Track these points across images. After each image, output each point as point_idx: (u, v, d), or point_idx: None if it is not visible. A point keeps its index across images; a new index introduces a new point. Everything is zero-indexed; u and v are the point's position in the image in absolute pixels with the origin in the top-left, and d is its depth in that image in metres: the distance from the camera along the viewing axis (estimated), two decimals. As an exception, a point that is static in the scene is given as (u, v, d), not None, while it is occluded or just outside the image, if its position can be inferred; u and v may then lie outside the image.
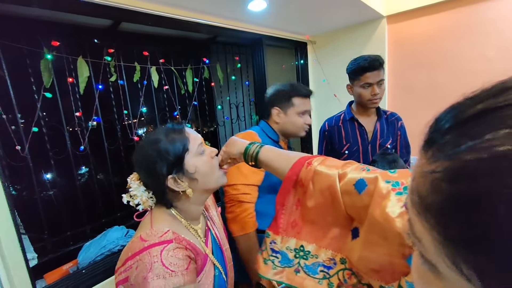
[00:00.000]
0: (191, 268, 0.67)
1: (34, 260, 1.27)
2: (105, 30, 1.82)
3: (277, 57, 2.75)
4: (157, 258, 0.63)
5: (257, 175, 1.08)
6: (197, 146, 0.76)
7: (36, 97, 1.45)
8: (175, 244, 0.68)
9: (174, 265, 0.64)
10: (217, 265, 0.80)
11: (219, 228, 0.94)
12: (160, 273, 0.62)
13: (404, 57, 2.48)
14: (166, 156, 0.72)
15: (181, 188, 0.74)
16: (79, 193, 1.70)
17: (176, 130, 0.76)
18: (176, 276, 0.63)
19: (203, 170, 0.75)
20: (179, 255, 0.66)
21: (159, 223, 0.73)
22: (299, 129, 1.22)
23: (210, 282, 0.76)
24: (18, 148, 1.38)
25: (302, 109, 1.19)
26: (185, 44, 2.30)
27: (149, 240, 0.67)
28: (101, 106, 1.72)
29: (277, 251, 0.70)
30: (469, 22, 2.13)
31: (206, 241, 0.82)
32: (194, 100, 2.25)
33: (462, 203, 0.18)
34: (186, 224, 0.77)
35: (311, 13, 2.09)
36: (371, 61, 1.34)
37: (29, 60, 1.47)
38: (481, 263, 0.17)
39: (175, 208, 0.78)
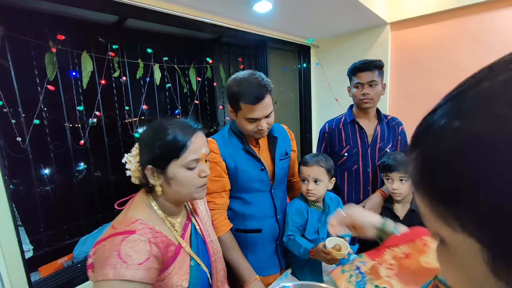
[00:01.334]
0: (148, 264, 0.66)
1: (29, 252, 1.26)
2: (110, 26, 1.84)
3: (280, 60, 2.77)
4: (117, 247, 0.64)
5: (216, 183, 1.09)
6: (189, 160, 0.74)
7: (39, 89, 1.46)
8: (137, 236, 0.67)
9: (129, 257, 0.64)
10: (193, 256, 0.81)
11: (206, 221, 0.94)
12: (113, 262, 0.62)
13: (407, 64, 2.49)
14: (154, 148, 0.73)
15: (153, 182, 0.75)
16: (77, 187, 1.70)
17: (186, 131, 0.75)
18: (127, 269, 0.62)
19: (181, 182, 0.75)
20: (138, 248, 0.66)
21: (135, 212, 0.75)
22: (248, 133, 1.10)
23: (185, 272, 0.77)
24: (19, 139, 1.38)
25: (249, 116, 1.03)
26: (189, 43, 2.31)
27: (117, 228, 0.69)
28: (103, 102, 1.72)
29: (361, 272, 0.69)
30: (472, 31, 2.15)
31: (184, 234, 0.82)
32: (196, 99, 2.26)
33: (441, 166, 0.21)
34: (163, 216, 0.78)
35: (315, 17, 2.11)
36: (364, 62, 1.40)
37: (34, 53, 1.48)
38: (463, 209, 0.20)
39: (155, 200, 0.79)
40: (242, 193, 1.15)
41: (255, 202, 1.16)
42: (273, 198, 1.19)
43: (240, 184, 1.13)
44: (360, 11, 2.06)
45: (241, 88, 1.01)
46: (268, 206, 1.19)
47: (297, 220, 1.15)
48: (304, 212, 1.16)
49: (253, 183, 1.14)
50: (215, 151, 1.09)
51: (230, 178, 1.13)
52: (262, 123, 1.05)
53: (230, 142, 1.13)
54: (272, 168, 1.19)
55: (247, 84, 1.01)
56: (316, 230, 1.15)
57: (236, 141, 1.14)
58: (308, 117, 3.06)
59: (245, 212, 1.16)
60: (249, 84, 1.01)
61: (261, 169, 1.14)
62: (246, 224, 1.16)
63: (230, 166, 1.11)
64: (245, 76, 1.04)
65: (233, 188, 1.15)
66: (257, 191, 1.16)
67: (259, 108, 1.02)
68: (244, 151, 1.13)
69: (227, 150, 1.11)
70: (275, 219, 1.20)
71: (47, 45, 1.46)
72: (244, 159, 1.12)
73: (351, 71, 1.45)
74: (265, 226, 1.18)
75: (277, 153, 1.19)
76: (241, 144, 1.13)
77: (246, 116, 1.04)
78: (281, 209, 1.23)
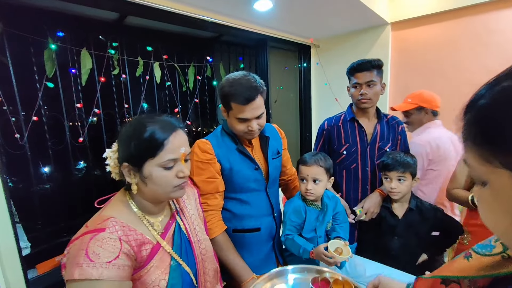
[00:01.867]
0: (118, 262, 0.65)
1: (27, 249, 1.26)
2: (110, 24, 1.83)
3: (280, 59, 2.76)
4: (85, 245, 0.63)
5: (210, 184, 1.08)
6: (166, 159, 0.72)
7: (38, 86, 1.45)
8: (107, 234, 0.66)
9: (96, 255, 0.62)
10: (174, 256, 0.79)
11: (194, 220, 0.92)
12: (80, 261, 0.61)
13: (407, 64, 2.49)
14: (131, 146, 0.71)
15: (129, 180, 0.74)
16: (75, 185, 1.70)
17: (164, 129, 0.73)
18: (94, 268, 0.61)
19: (157, 181, 0.73)
20: (107, 245, 0.64)
21: (110, 210, 0.74)
22: (239, 134, 1.10)
23: (163, 272, 0.75)
24: (17, 136, 1.38)
25: (239, 117, 1.04)
26: (189, 42, 2.31)
27: (89, 226, 0.68)
28: (102, 100, 1.72)
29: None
30: (473, 32, 2.15)
31: (165, 233, 0.80)
32: (196, 98, 2.25)
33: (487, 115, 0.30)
34: (140, 215, 0.77)
35: (316, 16, 2.10)
36: (362, 62, 1.39)
37: (33, 50, 1.47)
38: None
39: (134, 198, 0.78)
40: (238, 193, 1.15)
41: (252, 201, 1.16)
42: (269, 196, 1.20)
43: (236, 184, 1.13)
44: (361, 11, 2.06)
45: (232, 88, 1.02)
46: (265, 204, 1.20)
47: (294, 219, 1.15)
48: (302, 211, 1.15)
49: (249, 183, 1.15)
50: (209, 152, 1.09)
51: (226, 179, 1.13)
52: (253, 124, 1.05)
53: (223, 143, 1.13)
54: (266, 167, 1.20)
55: (238, 85, 1.02)
56: (314, 229, 1.14)
57: (230, 141, 1.14)
58: (308, 117, 3.05)
59: (242, 212, 1.16)
60: (240, 85, 1.02)
61: (255, 168, 1.15)
62: (244, 224, 1.16)
63: (225, 166, 1.11)
64: (238, 77, 1.05)
65: (229, 189, 1.14)
66: (253, 190, 1.16)
67: (249, 109, 1.02)
68: (238, 151, 1.13)
69: (221, 150, 1.11)
70: (272, 217, 1.21)
71: (46, 42, 1.45)
72: (238, 160, 1.12)
73: (350, 71, 1.44)
74: (263, 224, 1.18)
75: (269, 152, 1.20)
76: (234, 144, 1.13)
77: (237, 116, 1.04)
78: (276, 207, 1.24)
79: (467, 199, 1.29)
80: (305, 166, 1.15)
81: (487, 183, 0.31)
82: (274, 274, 0.96)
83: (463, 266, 0.43)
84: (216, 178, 1.10)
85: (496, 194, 0.30)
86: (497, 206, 0.31)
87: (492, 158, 0.29)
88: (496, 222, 0.32)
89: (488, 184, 0.31)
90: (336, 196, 1.26)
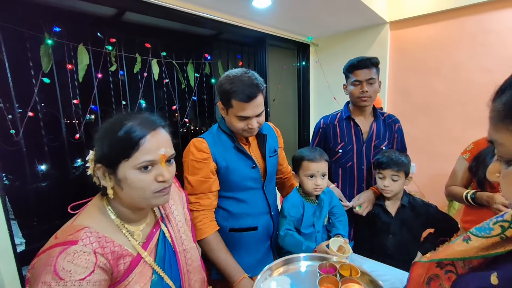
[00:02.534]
0: (93, 278, 0.58)
1: (21, 246, 1.25)
2: (108, 19, 1.81)
3: (279, 57, 2.76)
4: (53, 261, 0.56)
5: (203, 184, 1.07)
6: (142, 161, 0.64)
7: (34, 81, 1.44)
8: (79, 247, 0.59)
9: (67, 272, 0.55)
10: (156, 269, 0.72)
11: (181, 227, 0.85)
12: (47, 280, 0.54)
13: (405, 64, 2.49)
14: (104, 145, 0.65)
15: (104, 183, 0.67)
16: (71, 182, 1.68)
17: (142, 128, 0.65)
18: (64, 287, 0.54)
19: (133, 185, 0.65)
20: (79, 260, 0.57)
21: (83, 218, 0.67)
22: (238, 132, 1.08)
23: (143, 287, 0.69)
24: (12, 132, 1.36)
25: (240, 114, 1.02)
26: (187, 39, 2.29)
27: (59, 237, 0.61)
28: (99, 96, 1.70)
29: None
30: (470, 32, 2.15)
31: (147, 243, 0.73)
32: (194, 96, 2.24)
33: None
34: (119, 223, 0.69)
35: (315, 14, 2.10)
36: (362, 59, 1.38)
37: (29, 45, 1.45)
38: None
39: (111, 204, 0.71)
40: (235, 192, 1.14)
41: (249, 200, 1.16)
42: (266, 195, 1.19)
43: (233, 183, 1.12)
44: (360, 9, 2.06)
45: (233, 85, 1.00)
46: (262, 203, 1.19)
47: (293, 214, 1.15)
48: (300, 206, 1.15)
49: (246, 181, 1.14)
50: (205, 151, 1.07)
51: (222, 178, 1.12)
52: (253, 122, 1.04)
53: (220, 141, 1.12)
54: (263, 165, 1.19)
55: (239, 82, 1.00)
56: (312, 224, 1.14)
57: (226, 139, 1.13)
58: (307, 116, 3.05)
59: (239, 210, 1.15)
60: (241, 82, 1.00)
61: (252, 166, 1.14)
62: (241, 222, 1.15)
63: (221, 165, 1.09)
64: (238, 74, 1.03)
65: (226, 188, 1.13)
66: (250, 189, 1.15)
67: (251, 106, 1.01)
68: (235, 149, 1.12)
69: (218, 149, 1.10)
70: (269, 215, 1.21)
71: (43, 37, 1.43)
72: (235, 158, 1.11)
73: (348, 69, 1.43)
74: (260, 223, 1.18)
75: (267, 150, 1.19)
76: (231, 143, 1.12)
77: (237, 114, 1.03)
78: (274, 206, 1.23)
79: (462, 196, 1.30)
80: (315, 163, 1.14)
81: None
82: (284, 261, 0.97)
83: (463, 248, 0.45)
84: (210, 177, 1.09)
85: None
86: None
87: None
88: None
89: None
90: (331, 191, 1.26)
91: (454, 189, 1.39)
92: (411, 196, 1.32)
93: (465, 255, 0.44)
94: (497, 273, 0.39)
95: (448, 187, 1.43)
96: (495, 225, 0.43)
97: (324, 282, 0.76)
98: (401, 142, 1.50)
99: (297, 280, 0.85)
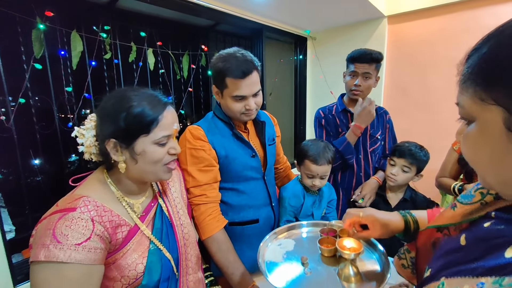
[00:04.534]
0: (89, 244, 0.60)
1: (11, 233, 1.23)
2: (102, 6, 1.78)
3: (276, 50, 2.74)
4: (52, 225, 0.59)
5: (207, 173, 1.00)
6: (161, 136, 0.70)
7: (25, 67, 1.40)
8: (77, 214, 0.61)
9: (64, 236, 0.58)
10: (153, 240, 0.75)
11: (178, 203, 0.87)
12: (46, 242, 0.57)
13: (402, 59, 2.49)
14: (120, 120, 0.66)
15: (116, 157, 0.69)
16: (64, 169, 1.66)
17: (156, 105, 0.69)
18: (61, 250, 0.56)
19: (149, 159, 0.70)
20: (77, 226, 0.60)
21: (84, 189, 0.69)
22: (236, 115, 1.02)
23: (141, 255, 0.71)
24: (3, 118, 1.33)
25: (235, 94, 0.97)
26: (184, 29, 2.26)
27: (59, 205, 0.64)
28: (93, 84, 1.67)
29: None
30: (467, 27, 2.16)
31: (145, 216, 0.76)
32: (190, 87, 2.22)
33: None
34: (119, 196, 0.72)
35: (313, 5, 2.08)
36: (365, 52, 1.38)
37: (20, 29, 1.42)
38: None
39: (113, 177, 0.73)
40: (235, 183, 1.08)
41: (249, 191, 1.10)
42: (267, 185, 1.14)
43: (233, 173, 1.06)
44: (359, 2, 2.04)
45: (226, 63, 0.96)
46: (263, 194, 1.13)
47: (294, 204, 1.14)
48: (301, 196, 1.15)
49: (246, 171, 1.08)
50: (202, 139, 1.01)
51: (221, 168, 1.05)
52: (250, 102, 0.99)
53: (217, 129, 1.06)
54: (263, 154, 1.14)
55: (233, 59, 0.96)
56: (310, 214, 1.14)
57: (223, 127, 1.06)
58: (303, 109, 3.05)
59: (240, 202, 1.09)
60: (235, 59, 0.96)
61: (252, 155, 1.08)
62: (242, 215, 1.09)
63: (221, 154, 1.03)
64: (231, 52, 1.00)
65: (225, 178, 1.07)
66: (250, 179, 1.10)
67: (246, 84, 0.97)
68: (234, 137, 1.06)
69: (216, 137, 1.03)
70: (270, 207, 1.15)
71: (34, 21, 1.40)
72: (234, 146, 1.06)
73: (350, 58, 1.43)
74: (261, 215, 1.12)
75: (266, 138, 1.14)
76: (229, 130, 1.06)
77: (233, 94, 0.98)
78: (274, 196, 1.18)
79: (451, 187, 1.31)
80: (316, 165, 1.09)
81: (474, 120, 0.36)
82: (288, 227, 0.98)
83: (451, 215, 0.49)
84: (214, 166, 1.02)
85: (483, 129, 0.35)
86: (481, 141, 0.35)
87: (488, 97, 0.33)
88: (478, 156, 0.37)
89: (476, 122, 0.35)
90: (332, 186, 1.26)
91: (444, 181, 1.40)
92: (414, 191, 1.32)
93: (452, 221, 0.47)
94: (466, 234, 0.42)
95: (438, 179, 1.45)
96: (476, 192, 0.46)
97: (324, 242, 0.82)
98: (392, 132, 1.54)
99: (300, 242, 0.91)
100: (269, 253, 0.86)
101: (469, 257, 0.37)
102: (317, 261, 0.79)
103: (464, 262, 0.37)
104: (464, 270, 0.36)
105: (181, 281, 0.79)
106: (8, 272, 1.11)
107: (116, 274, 0.68)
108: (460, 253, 0.40)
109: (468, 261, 0.36)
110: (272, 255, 0.85)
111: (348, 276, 0.71)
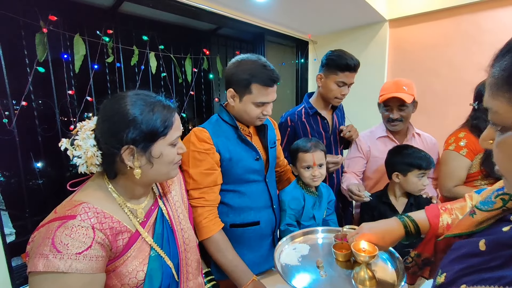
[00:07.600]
0: (90, 253, 0.59)
1: (11, 236, 1.22)
2: (105, 10, 1.79)
3: (277, 54, 2.75)
4: (51, 233, 0.57)
5: (208, 176, 1.00)
6: (176, 137, 0.73)
7: (28, 70, 1.41)
8: (77, 222, 0.59)
9: (64, 246, 0.56)
10: (154, 246, 0.73)
11: (178, 207, 0.86)
12: (45, 251, 0.55)
13: (403, 62, 2.49)
14: (140, 126, 0.66)
15: (131, 164, 0.67)
16: (65, 173, 1.66)
17: (167, 109, 0.71)
18: (61, 259, 0.55)
19: (165, 160, 0.72)
20: (77, 235, 0.58)
21: (83, 194, 0.67)
22: (252, 119, 1.05)
23: (141, 262, 0.70)
24: (5, 121, 1.33)
25: (260, 100, 1.00)
26: (186, 33, 2.28)
27: (58, 212, 0.62)
28: (95, 88, 1.68)
29: None
30: (468, 30, 2.16)
31: (146, 221, 0.75)
32: (191, 90, 2.22)
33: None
34: (120, 202, 0.71)
35: (314, 9, 2.09)
36: (357, 64, 1.37)
37: (24, 33, 1.43)
38: None
39: (114, 182, 0.72)
40: (237, 185, 1.08)
41: (251, 193, 1.10)
42: (268, 187, 1.14)
43: (236, 175, 1.07)
44: (360, 6, 2.05)
45: (254, 70, 0.98)
46: (264, 196, 1.13)
47: (294, 207, 1.13)
48: (301, 198, 1.14)
49: (248, 174, 1.08)
50: (207, 141, 1.01)
51: (224, 170, 1.06)
52: (268, 108, 1.04)
53: (222, 131, 1.06)
54: (265, 156, 1.14)
55: (260, 67, 0.98)
56: (312, 216, 1.13)
57: (229, 130, 1.07)
58: (304, 114, 3.04)
59: (241, 204, 1.09)
60: (263, 67, 0.98)
61: (256, 158, 1.08)
62: (243, 217, 1.09)
63: (225, 157, 1.03)
64: (254, 59, 1.01)
65: (227, 180, 1.07)
66: (252, 181, 1.10)
67: (272, 91, 1.01)
68: (239, 140, 1.07)
69: (220, 140, 1.04)
70: (271, 209, 1.15)
71: (38, 25, 1.41)
72: (238, 149, 1.06)
73: (338, 66, 1.36)
74: (262, 217, 1.12)
75: (268, 141, 1.15)
76: (234, 133, 1.07)
77: (257, 100, 1.00)
78: (275, 199, 1.18)
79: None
80: (309, 153, 1.13)
81: (511, 128, 0.33)
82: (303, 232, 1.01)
83: (469, 222, 0.47)
84: (215, 169, 1.02)
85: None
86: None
87: None
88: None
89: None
90: (329, 187, 1.26)
91: (460, 190, 1.31)
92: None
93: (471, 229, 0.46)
94: (485, 239, 0.40)
95: (452, 189, 1.34)
96: (497, 198, 0.45)
97: (338, 248, 0.84)
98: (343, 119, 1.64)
99: (315, 247, 0.95)
100: (284, 256, 0.89)
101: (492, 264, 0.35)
102: (332, 265, 0.81)
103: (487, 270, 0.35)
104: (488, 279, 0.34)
105: (181, 287, 0.78)
106: (7, 275, 1.10)
107: (116, 282, 0.66)
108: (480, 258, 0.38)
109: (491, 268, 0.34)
110: (287, 258, 0.88)
111: (363, 280, 0.72)
